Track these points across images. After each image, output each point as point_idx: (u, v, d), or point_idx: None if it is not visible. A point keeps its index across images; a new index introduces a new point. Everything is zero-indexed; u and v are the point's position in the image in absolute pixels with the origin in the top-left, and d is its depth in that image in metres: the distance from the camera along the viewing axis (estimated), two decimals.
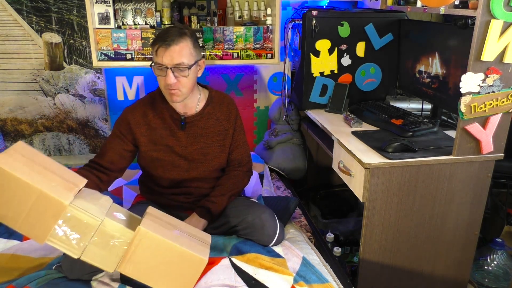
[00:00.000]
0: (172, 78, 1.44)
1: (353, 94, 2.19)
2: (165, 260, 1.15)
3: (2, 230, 1.70)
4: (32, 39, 2.29)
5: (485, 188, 1.65)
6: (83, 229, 1.08)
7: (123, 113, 1.61)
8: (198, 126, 1.61)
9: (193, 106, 1.60)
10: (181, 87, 1.48)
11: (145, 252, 1.12)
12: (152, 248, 1.13)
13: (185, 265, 1.17)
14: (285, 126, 2.46)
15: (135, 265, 1.13)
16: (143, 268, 1.14)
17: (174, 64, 1.43)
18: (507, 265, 1.90)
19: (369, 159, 1.54)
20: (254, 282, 1.35)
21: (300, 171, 2.40)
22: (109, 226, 1.10)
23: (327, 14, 2.09)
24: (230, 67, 2.45)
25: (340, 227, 2.20)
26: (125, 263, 1.12)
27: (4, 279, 1.41)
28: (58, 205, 1.03)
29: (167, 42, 1.42)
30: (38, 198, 1.02)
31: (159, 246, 1.14)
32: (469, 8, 1.44)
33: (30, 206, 1.02)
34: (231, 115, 1.67)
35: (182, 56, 1.44)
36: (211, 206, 1.57)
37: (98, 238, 1.09)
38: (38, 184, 1.01)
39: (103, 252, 1.10)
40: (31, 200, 1.02)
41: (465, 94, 1.46)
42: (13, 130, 2.42)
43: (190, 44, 1.47)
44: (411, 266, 1.73)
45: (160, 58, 1.43)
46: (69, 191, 1.07)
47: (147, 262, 1.13)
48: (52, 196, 1.02)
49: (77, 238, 1.08)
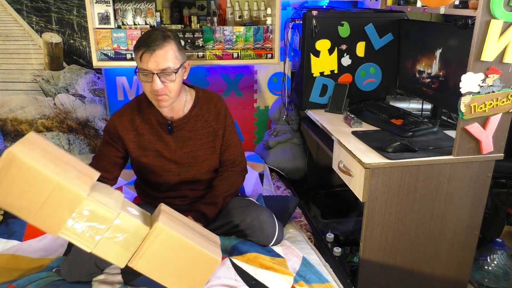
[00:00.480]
0: (159, 83, 1.40)
1: (353, 94, 2.19)
2: (179, 258, 1.13)
3: (2, 230, 1.70)
4: (32, 39, 2.29)
5: (485, 188, 1.65)
6: (99, 222, 1.05)
7: (111, 119, 1.58)
8: (186, 129, 1.58)
9: (180, 109, 1.57)
10: (168, 91, 1.44)
11: (160, 248, 1.10)
12: (167, 245, 1.11)
13: (199, 264, 1.15)
14: (285, 126, 2.46)
15: (147, 261, 1.10)
16: (155, 265, 1.11)
17: (160, 69, 1.39)
18: (507, 265, 1.90)
19: (369, 159, 1.54)
20: (254, 282, 1.35)
21: (300, 171, 2.41)
22: (124, 221, 1.07)
23: (327, 14, 2.09)
24: (230, 67, 2.45)
25: (340, 227, 2.20)
26: (137, 259, 1.09)
27: (4, 279, 1.41)
28: (76, 197, 1.00)
29: (152, 47, 1.37)
30: (54, 190, 0.98)
31: (175, 244, 1.11)
32: (469, 8, 1.44)
33: (45, 198, 0.99)
34: (219, 115, 1.62)
35: (168, 61, 1.40)
36: (206, 210, 1.55)
37: (112, 232, 1.06)
38: (55, 175, 0.98)
39: (116, 246, 1.07)
40: (47, 192, 0.98)
41: (465, 94, 1.46)
42: (13, 130, 2.42)
43: (174, 47, 1.42)
44: (411, 266, 1.73)
45: (145, 64, 1.38)
46: (85, 183, 1.04)
47: (160, 259, 1.11)
48: (70, 187, 0.99)
49: (91, 231, 1.05)
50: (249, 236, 1.53)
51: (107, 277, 1.39)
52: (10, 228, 1.71)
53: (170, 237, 1.11)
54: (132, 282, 1.36)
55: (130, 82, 2.42)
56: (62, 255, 1.56)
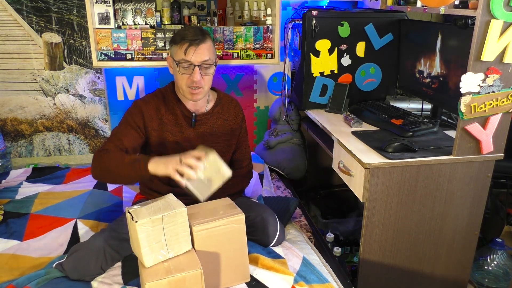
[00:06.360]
0: (199, 75, 1.50)
1: (353, 94, 2.19)
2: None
3: (2, 230, 1.70)
4: (32, 39, 2.29)
5: (485, 188, 1.65)
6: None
7: (136, 105, 1.59)
8: (208, 124, 1.64)
9: (203, 105, 1.64)
10: (204, 84, 1.53)
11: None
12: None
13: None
14: (285, 126, 2.46)
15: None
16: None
17: (202, 61, 1.49)
18: (507, 265, 1.90)
19: (369, 159, 1.54)
20: (254, 282, 1.35)
21: (300, 171, 2.40)
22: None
23: (327, 14, 2.09)
24: (230, 67, 2.45)
25: (340, 227, 2.21)
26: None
27: (4, 279, 1.41)
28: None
29: (197, 41, 1.48)
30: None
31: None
32: (469, 8, 1.44)
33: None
34: (238, 116, 1.73)
35: (209, 54, 1.51)
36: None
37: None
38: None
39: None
40: None
41: (465, 94, 1.46)
42: (13, 130, 2.42)
43: (212, 43, 1.56)
44: (411, 266, 1.73)
45: (190, 56, 1.48)
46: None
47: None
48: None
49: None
50: (251, 234, 1.53)
51: (107, 277, 1.39)
52: (10, 228, 1.71)
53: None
54: (131, 282, 1.36)
55: (130, 82, 2.42)
56: (62, 254, 1.56)
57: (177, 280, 1.13)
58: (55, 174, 2.22)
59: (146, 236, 1.14)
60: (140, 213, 1.15)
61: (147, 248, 1.15)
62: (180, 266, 1.16)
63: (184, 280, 1.13)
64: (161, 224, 1.15)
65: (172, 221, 1.17)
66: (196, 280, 1.15)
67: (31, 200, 1.92)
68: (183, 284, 1.14)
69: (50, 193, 2.01)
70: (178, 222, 1.18)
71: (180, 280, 1.13)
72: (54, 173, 2.23)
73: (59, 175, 2.21)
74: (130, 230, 1.20)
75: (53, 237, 1.67)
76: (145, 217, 1.13)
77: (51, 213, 1.82)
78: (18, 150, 2.46)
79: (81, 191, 1.98)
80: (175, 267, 1.16)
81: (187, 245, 1.22)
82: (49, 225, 1.73)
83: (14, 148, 2.45)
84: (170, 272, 1.13)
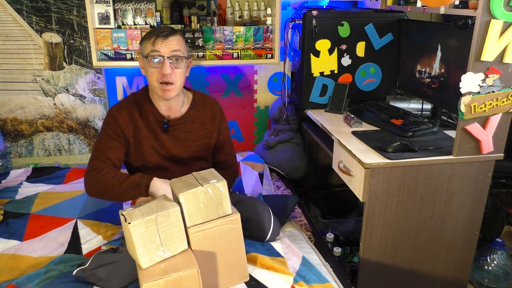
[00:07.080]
0: (169, 68, 1.46)
1: (353, 94, 2.19)
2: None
3: (2, 230, 1.70)
4: (32, 39, 2.29)
5: (485, 188, 1.65)
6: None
7: (111, 113, 1.57)
8: (182, 129, 1.60)
9: (177, 109, 1.60)
10: (176, 80, 1.49)
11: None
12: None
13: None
14: (285, 126, 2.46)
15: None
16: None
17: (171, 51, 1.47)
18: (507, 265, 1.90)
19: (369, 159, 1.54)
20: (254, 282, 1.35)
21: (300, 171, 2.40)
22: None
23: (327, 14, 2.09)
24: (230, 67, 2.45)
25: (340, 227, 2.21)
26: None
27: (4, 278, 1.41)
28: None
29: (164, 33, 1.47)
30: None
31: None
32: (469, 8, 1.44)
33: None
34: (215, 118, 1.67)
35: (179, 46, 1.49)
36: None
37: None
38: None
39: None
40: None
41: (465, 94, 1.46)
42: (13, 130, 2.42)
43: (182, 38, 1.54)
44: (411, 266, 1.73)
45: (158, 46, 1.46)
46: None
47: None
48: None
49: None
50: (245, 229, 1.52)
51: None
52: (10, 228, 1.71)
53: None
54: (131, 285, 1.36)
55: (130, 82, 2.42)
56: (63, 254, 1.56)
57: (173, 280, 1.13)
58: (55, 174, 2.22)
59: (140, 238, 1.13)
60: (133, 214, 1.15)
61: (142, 249, 1.15)
62: (177, 266, 1.16)
63: (180, 279, 1.13)
64: (155, 225, 1.15)
65: (166, 221, 1.17)
66: (193, 279, 1.15)
67: (31, 200, 1.92)
68: (180, 283, 1.14)
69: (50, 193, 2.01)
70: (172, 221, 1.18)
71: (177, 280, 1.13)
72: (54, 173, 2.23)
73: (59, 175, 2.21)
74: (125, 232, 1.20)
75: (53, 237, 1.67)
76: (138, 218, 1.13)
77: (51, 213, 1.82)
78: (18, 150, 2.46)
79: (81, 191, 1.98)
80: (171, 267, 1.16)
81: (183, 244, 1.22)
82: (49, 225, 1.73)
83: (14, 148, 2.45)
84: (167, 272, 1.13)
